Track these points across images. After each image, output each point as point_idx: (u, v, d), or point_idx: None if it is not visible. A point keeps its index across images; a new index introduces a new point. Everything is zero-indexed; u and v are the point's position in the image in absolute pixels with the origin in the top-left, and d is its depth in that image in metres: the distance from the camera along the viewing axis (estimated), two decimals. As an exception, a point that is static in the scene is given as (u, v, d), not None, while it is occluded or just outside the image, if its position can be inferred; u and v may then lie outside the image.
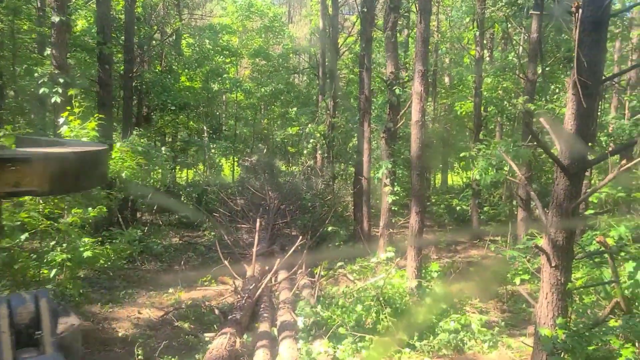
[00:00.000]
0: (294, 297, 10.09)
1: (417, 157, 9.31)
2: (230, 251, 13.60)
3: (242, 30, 30.33)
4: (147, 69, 20.91)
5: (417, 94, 9.23)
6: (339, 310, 8.49)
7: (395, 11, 11.01)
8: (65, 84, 10.29)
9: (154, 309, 9.98)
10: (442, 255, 13.99)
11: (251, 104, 29.14)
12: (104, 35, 13.68)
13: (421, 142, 9.32)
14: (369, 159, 13.53)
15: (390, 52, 11.27)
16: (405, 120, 11.79)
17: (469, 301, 10.03)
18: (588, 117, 4.43)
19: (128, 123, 16.83)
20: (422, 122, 9.26)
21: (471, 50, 16.96)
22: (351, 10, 31.73)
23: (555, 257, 4.62)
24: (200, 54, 24.36)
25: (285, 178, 19.97)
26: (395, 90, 10.90)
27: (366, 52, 13.40)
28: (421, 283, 9.37)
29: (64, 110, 9.18)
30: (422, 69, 9.21)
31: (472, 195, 15.30)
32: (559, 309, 4.66)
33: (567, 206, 4.38)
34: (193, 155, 25.95)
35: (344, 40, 22.61)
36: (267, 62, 28.52)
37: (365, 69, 13.21)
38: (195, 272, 12.80)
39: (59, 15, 10.51)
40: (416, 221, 9.39)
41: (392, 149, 11.45)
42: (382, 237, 11.72)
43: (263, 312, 9.15)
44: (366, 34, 13.18)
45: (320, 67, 23.74)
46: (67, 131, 8.53)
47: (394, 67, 11.21)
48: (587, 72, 4.33)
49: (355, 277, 10.94)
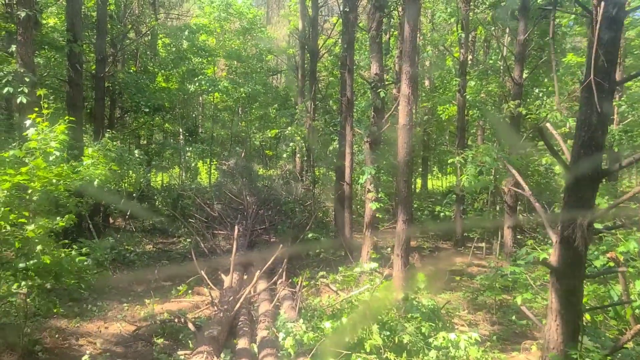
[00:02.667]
0: (274, 309, 9.57)
1: (404, 162, 8.90)
2: (206, 259, 13.03)
3: (220, 32, 29.65)
4: (121, 69, 20.15)
5: (404, 97, 8.82)
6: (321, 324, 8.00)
7: (380, 10, 10.60)
8: (31, 83, 9.62)
9: (125, 323, 9.37)
10: (425, 262, 13.61)
11: (228, 105, 28.51)
12: (74, 33, 12.97)
13: (409, 147, 8.92)
14: (351, 163, 13.09)
15: (375, 53, 10.85)
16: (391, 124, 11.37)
17: (456, 313, 9.65)
18: (603, 122, 4.04)
19: (99, 125, 16.10)
20: (410, 125, 8.85)
21: (455, 53, 16.67)
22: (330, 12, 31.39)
23: (566, 276, 4.22)
24: (177, 54, 23.68)
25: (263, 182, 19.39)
26: (380, 93, 10.48)
27: (348, 53, 12.97)
28: (407, 296, 8.93)
29: (31, 111, 8.54)
30: (410, 70, 8.82)
31: (455, 201, 14.97)
32: (570, 333, 4.25)
33: (582, 221, 3.98)
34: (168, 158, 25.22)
35: (324, 42, 22.19)
36: (242, 64, 27.93)
37: (348, 71, 12.77)
38: (170, 282, 12.21)
39: (25, 9, 9.83)
40: (403, 229, 8.97)
41: (377, 154, 11.03)
42: (365, 246, 11.28)
43: (242, 326, 8.61)
44: (348, 35, 12.75)
45: (300, 68, 23.30)
46: (34, 134, 7.89)
47: (378, 69, 10.79)
48: (602, 73, 3.95)
49: (338, 288, 10.46)
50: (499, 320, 9.38)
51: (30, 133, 8.27)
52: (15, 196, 7.50)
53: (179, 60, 23.05)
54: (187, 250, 14.14)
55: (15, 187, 7.45)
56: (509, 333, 8.73)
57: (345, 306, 8.84)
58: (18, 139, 10.88)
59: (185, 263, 13.60)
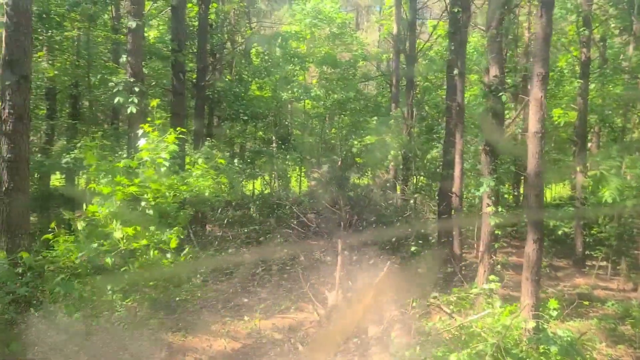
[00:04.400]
0: (383, 332, 8.89)
1: (535, 174, 7.94)
2: (305, 271, 12.60)
3: (309, 38, 29.51)
4: (219, 77, 20.39)
5: (536, 101, 7.90)
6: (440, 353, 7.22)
7: (501, 7, 9.68)
8: (141, 93, 9.61)
9: (229, 339, 9.08)
10: (543, 284, 12.37)
11: (319, 113, 28.22)
12: (178, 43, 13.05)
13: (540, 157, 7.95)
14: (461, 173, 12.16)
15: (495, 54, 9.91)
16: (515, 130, 10.39)
17: (594, 345, 8.48)
18: None
19: (200, 133, 16.21)
20: (542, 133, 7.91)
21: (574, 51, 15.23)
22: (429, 14, 30.48)
23: None
24: (270, 62, 23.72)
25: (360, 192, 18.76)
26: (501, 97, 9.55)
27: (459, 54, 12.10)
28: (540, 324, 7.92)
29: (140, 120, 8.47)
30: (543, 71, 7.90)
31: (575, 214, 13.56)
32: None
33: None
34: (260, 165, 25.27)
35: (422, 46, 21.34)
36: (335, 70, 27.53)
37: (459, 74, 11.91)
38: (269, 294, 11.89)
39: (136, 20, 9.87)
40: (534, 250, 8.00)
41: (495, 164, 10.06)
42: (482, 264, 10.32)
43: (354, 349, 8.03)
44: (460, 35, 11.89)
45: (394, 74, 22.52)
46: (145, 145, 7.75)
47: (498, 71, 9.85)
48: None
49: (453, 310, 9.60)
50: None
51: (142, 143, 8.16)
52: (127, 208, 7.36)
53: (272, 68, 23.06)
54: (284, 261, 13.83)
55: (128, 198, 7.32)
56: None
57: (462, 332, 8.02)
58: (127, 148, 10.97)
59: (284, 272, 13.26)
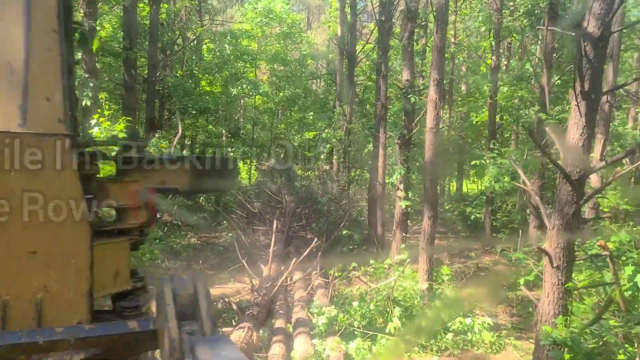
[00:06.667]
0: (309, 297, 10.43)
1: (431, 163, 9.60)
2: (247, 251, 13.98)
3: (261, 36, 30.81)
4: (169, 73, 21.46)
5: (432, 102, 9.54)
6: (351, 309, 8.80)
7: (412, 21, 11.34)
8: (94, 88, 10.78)
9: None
10: (454, 261, 14.22)
11: (269, 108, 29.60)
12: (130, 41, 14.19)
13: (435, 149, 9.61)
14: (384, 164, 13.82)
15: (407, 61, 11.59)
16: (419, 128, 12.07)
17: (478, 305, 10.26)
18: (590, 127, 4.70)
19: (150, 126, 17.34)
20: (436, 129, 9.56)
21: (487, 60, 17.19)
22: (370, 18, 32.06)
23: (557, 258, 4.90)
24: (221, 58, 24.88)
25: (301, 182, 20.30)
26: (410, 98, 11.21)
27: (383, 60, 13.73)
28: (432, 286, 9.63)
29: (94, 112, 9.67)
30: (438, 77, 9.52)
31: (485, 202, 15.50)
32: (560, 307, 4.93)
33: (568, 210, 4.67)
34: (211, 158, 26.35)
35: (362, 48, 22.95)
36: (284, 68, 28.98)
37: (382, 77, 13.54)
38: (213, 271, 13.21)
39: (90, 21, 11.01)
40: (428, 225, 9.68)
41: (406, 155, 11.74)
42: (395, 241, 12.00)
43: (279, 309, 9.49)
44: (383, 43, 13.51)
45: (338, 73, 24.13)
46: (97, 133, 8.99)
47: (409, 76, 11.52)
48: (589, 85, 4.62)
49: (369, 279, 11.24)
50: (518, 312, 9.96)
51: (95, 131, 9.42)
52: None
53: (222, 65, 24.24)
54: (229, 243, 15.14)
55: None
56: (527, 324, 9.30)
57: (374, 295, 9.61)
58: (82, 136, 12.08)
59: (227, 255, 14.61)
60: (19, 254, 2.07)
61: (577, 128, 4.72)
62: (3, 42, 2.14)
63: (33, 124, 2.12)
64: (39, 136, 2.11)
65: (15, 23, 2.15)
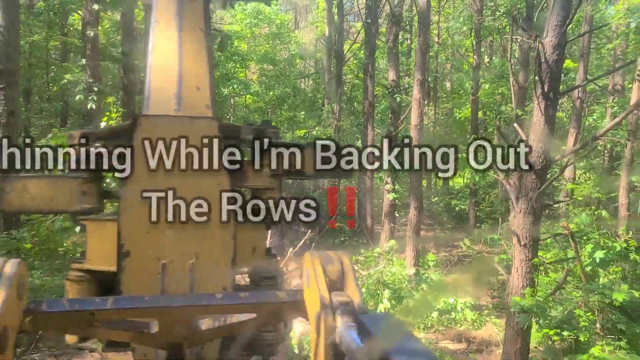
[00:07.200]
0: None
1: (415, 157, 10.33)
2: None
3: (250, 37, 31.36)
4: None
5: (416, 101, 10.28)
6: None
7: (396, 25, 12.06)
8: (98, 92, 11.38)
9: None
10: (440, 250, 14.98)
11: (259, 107, 30.16)
12: (129, 46, 14.75)
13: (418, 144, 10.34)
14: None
15: (392, 62, 12.32)
16: (405, 125, 12.79)
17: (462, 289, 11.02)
18: (550, 123, 5.45)
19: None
20: (420, 126, 10.31)
21: (469, 58, 17.96)
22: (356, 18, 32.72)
23: (524, 237, 5.65)
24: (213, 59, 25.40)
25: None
26: (396, 98, 11.93)
27: (370, 60, 14.45)
28: (418, 271, 10.38)
29: (99, 114, 10.29)
30: (421, 77, 10.26)
31: (469, 194, 16.29)
32: (527, 280, 5.68)
33: (532, 195, 5.41)
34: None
35: (349, 47, 23.62)
36: (273, 67, 29.56)
37: (369, 77, 14.26)
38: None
39: (94, 29, 11.61)
40: (414, 215, 10.43)
41: (394, 151, 12.42)
42: (384, 232, 12.74)
43: (277, 295, 10.17)
44: (370, 44, 14.23)
45: (326, 72, 24.77)
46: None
47: (395, 76, 12.25)
48: (548, 86, 5.36)
49: (360, 267, 11.95)
50: (499, 295, 10.74)
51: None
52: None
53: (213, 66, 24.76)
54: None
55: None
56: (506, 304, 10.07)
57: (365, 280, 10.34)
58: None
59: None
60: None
61: (539, 124, 5.46)
62: (160, 41, 2.54)
63: (186, 109, 2.49)
64: (191, 119, 2.45)
65: (170, 24, 2.58)
